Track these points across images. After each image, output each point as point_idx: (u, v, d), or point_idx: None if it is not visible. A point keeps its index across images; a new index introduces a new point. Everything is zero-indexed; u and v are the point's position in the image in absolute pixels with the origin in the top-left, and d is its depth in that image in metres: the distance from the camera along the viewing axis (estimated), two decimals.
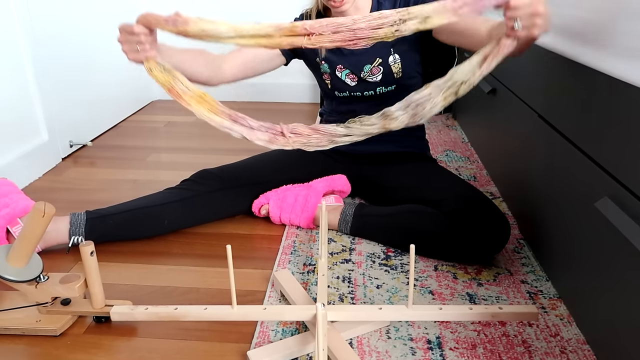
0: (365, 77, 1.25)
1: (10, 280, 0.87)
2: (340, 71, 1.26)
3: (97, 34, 2.02)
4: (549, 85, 1.08)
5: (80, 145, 1.86)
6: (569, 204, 0.95)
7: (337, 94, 1.29)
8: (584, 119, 0.89)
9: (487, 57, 0.83)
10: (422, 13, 0.81)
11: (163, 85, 0.99)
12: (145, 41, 0.97)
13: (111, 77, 2.15)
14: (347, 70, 1.25)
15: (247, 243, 1.21)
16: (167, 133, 2.09)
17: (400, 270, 1.08)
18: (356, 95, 1.28)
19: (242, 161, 1.35)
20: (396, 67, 1.23)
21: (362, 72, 1.25)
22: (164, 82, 0.99)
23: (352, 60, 1.24)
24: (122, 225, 1.18)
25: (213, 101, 1.01)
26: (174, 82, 0.99)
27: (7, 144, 1.51)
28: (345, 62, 1.25)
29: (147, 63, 0.99)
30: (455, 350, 0.85)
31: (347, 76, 1.26)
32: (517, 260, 1.12)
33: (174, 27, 0.92)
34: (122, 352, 0.86)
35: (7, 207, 1.10)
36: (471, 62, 0.85)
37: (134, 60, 0.99)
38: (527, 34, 0.78)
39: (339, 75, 1.27)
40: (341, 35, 0.85)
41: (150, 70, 0.99)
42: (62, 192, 1.51)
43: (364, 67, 1.24)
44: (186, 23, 0.92)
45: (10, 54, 1.51)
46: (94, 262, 0.88)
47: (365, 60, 1.24)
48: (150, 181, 1.58)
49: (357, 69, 1.25)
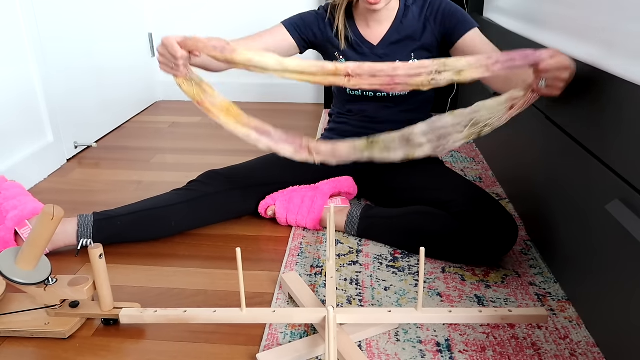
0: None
1: (19, 283, 0.87)
2: None
3: (102, 35, 2.03)
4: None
5: (85, 146, 1.86)
6: (578, 206, 0.94)
7: (348, 91, 1.30)
8: (594, 121, 0.89)
9: (514, 106, 0.90)
10: (457, 66, 0.86)
11: (193, 99, 1.03)
12: (183, 63, 1.01)
13: (115, 78, 2.15)
14: None
15: (254, 245, 1.21)
16: (171, 134, 2.09)
17: (408, 272, 1.08)
18: (368, 95, 1.28)
19: (249, 162, 1.34)
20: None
21: None
22: (193, 96, 1.03)
23: (370, 61, 1.24)
24: (129, 227, 1.18)
25: (239, 113, 1.04)
26: (203, 95, 1.02)
27: (13, 145, 1.51)
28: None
29: (177, 79, 1.03)
30: (465, 353, 0.85)
31: None
32: (525, 262, 1.11)
33: (221, 55, 0.94)
34: (130, 355, 0.86)
35: (16, 209, 1.10)
36: (498, 101, 0.91)
37: (165, 72, 1.04)
38: (548, 92, 0.89)
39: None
40: (380, 80, 0.90)
41: (181, 85, 1.03)
42: (67, 194, 1.51)
43: None
44: (234, 52, 0.94)
45: (16, 55, 1.51)
46: (103, 264, 0.88)
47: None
48: (155, 182, 1.58)
49: None
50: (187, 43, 0.98)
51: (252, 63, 0.93)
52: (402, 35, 1.24)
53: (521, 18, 1.47)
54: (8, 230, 1.09)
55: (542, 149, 1.14)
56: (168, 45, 1.00)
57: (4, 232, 1.09)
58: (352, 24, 1.27)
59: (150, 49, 2.49)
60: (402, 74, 0.88)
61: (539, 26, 1.29)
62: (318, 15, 1.29)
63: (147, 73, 2.46)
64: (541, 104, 1.16)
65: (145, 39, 2.44)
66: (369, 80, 0.89)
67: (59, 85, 1.73)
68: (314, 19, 1.29)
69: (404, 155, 0.98)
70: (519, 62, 0.85)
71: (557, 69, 0.86)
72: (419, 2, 1.25)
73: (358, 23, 1.27)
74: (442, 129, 0.94)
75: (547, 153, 1.11)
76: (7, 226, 1.09)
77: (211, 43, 0.95)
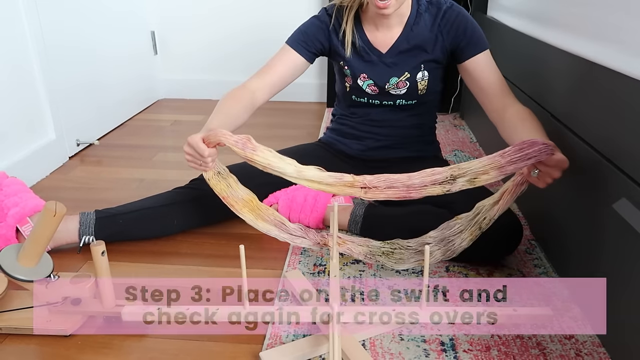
0: (388, 90, 1.22)
1: (21, 280, 0.87)
2: (362, 80, 1.23)
3: (104, 33, 2.02)
4: (563, 86, 1.07)
5: (87, 144, 1.86)
6: (584, 205, 0.94)
7: (354, 97, 1.28)
8: (601, 119, 0.88)
9: (504, 193, 0.93)
10: (469, 171, 0.87)
11: (219, 194, 1.06)
12: (211, 159, 1.02)
13: (118, 75, 2.15)
14: (370, 81, 1.23)
15: (257, 243, 1.21)
16: (173, 132, 2.08)
17: (412, 271, 1.08)
18: (374, 102, 1.26)
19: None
20: (422, 84, 1.21)
21: (386, 84, 1.22)
22: (219, 191, 1.06)
23: (378, 71, 1.21)
24: (131, 225, 1.17)
25: (259, 207, 1.07)
26: (228, 190, 1.05)
27: (15, 142, 1.50)
28: (370, 72, 1.22)
29: (206, 174, 1.05)
30: (469, 352, 0.85)
31: (368, 87, 1.23)
32: (529, 261, 1.11)
33: (242, 152, 0.94)
34: (132, 353, 0.86)
35: (17, 206, 1.10)
36: (493, 198, 0.96)
37: (194, 169, 1.05)
38: (536, 183, 0.90)
39: (360, 84, 1.24)
40: (395, 191, 0.89)
41: (209, 179, 1.05)
42: (69, 191, 1.51)
43: (390, 79, 1.21)
44: (255, 150, 0.94)
45: (18, 53, 1.51)
46: (105, 262, 0.87)
47: (393, 73, 1.21)
48: (157, 180, 1.57)
49: (381, 81, 1.22)
50: (211, 138, 0.98)
51: (270, 166, 0.93)
52: (411, 44, 1.19)
53: (525, 16, 1.46)
54: (9, 227, 1.08)
55: None
56: (194, 145, 0.99)
57: (5, 229, 1.08)
58: (360, 28, 1.21)
59: (152, 47, 2.48)
60: (417, 182, 0.88)
61: (544, 24, 1.28)
62: (321, 22, 1.23)
63: (150, 71, 2.46)
64: (547, 102, 1.16)
65: (147, 36, 2.44)
66: (385, 192, 0.89)
67: (61, 82, 1.72)
68: (316, 28, 1.23)
69: (416, 262, 1.01)
70: (532, 158, 0.84)
71: (556, 166, 0.86)
72: (432, 9, 1.19)
73: (366, 27, 1.21)
74: (451, 236, 0.98)
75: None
76: (8, 223, 1.08)
77: (233, 138, 0.95)
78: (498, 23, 1.71)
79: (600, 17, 0.95)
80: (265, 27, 2.43)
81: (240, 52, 2.50)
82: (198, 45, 2.52)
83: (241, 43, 2.48)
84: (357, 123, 1.32)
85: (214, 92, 2.57)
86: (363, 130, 1.31)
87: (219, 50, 2.52)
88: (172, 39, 2.51)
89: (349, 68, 1.23)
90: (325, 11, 1.24)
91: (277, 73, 1.21)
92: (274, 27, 2.42)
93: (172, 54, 2.53)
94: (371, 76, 1.22)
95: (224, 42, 2.49)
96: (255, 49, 2.47)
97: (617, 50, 0.86)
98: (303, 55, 1.22)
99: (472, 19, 1.18)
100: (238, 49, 2.50)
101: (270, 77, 1.21)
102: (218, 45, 2.51)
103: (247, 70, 2.56)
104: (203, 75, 2.56)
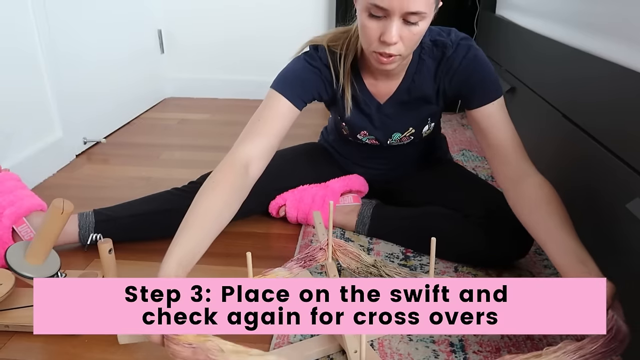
0: (390, 143, 1.18)
1: (28, 277, 0.87)
2: (362, 135, 1.18)
3: (111, 31, 2.02)
4: (575, 84, 1.05)
5: (94, 142, 1.86)
6: (596, 205, 0.92)
7: (351, 139, 1.22)
8: (615, 118, 0.87)
9: None
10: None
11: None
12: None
13: (124, 74, 2.15)
14: (372, 137, 1.17)
15: (264, 242, 1.20)
16: (180, 131, 2.08)
17: (420, 271, 1.07)
18: (372, 145, 1.21)
19: None
20: (427, 132, 1.17)
21: (389, 139, 1.17)
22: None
23: (379, 126, 1.14)
24: (131, 229, 1.16)
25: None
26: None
27: (22, 141, 1.50)
28: (372, 130, 1.15)
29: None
30: (479, 353, 0.84)
31: (369, 140, 1.18)
32: (539, 262, 1.09)
33: None
34: (140, 351, 0.85)
35: (13, 206, 1.07)
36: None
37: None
38: None
39: (360, 137, 1.18)
40: None
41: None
42: (76, 189, 1.51)
43: (393, 134, 1.16)
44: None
45: (26, 50, 1.51)
46: (112, 259, 0.87)
47: (395, 127, 1.14)
48: (164, 179, 1.57)
49: (384, 136, 1.16)
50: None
51: None
52: (413, 97, 1.08)
53: (536, 14, 1.45)
54: (5, 228, 1.05)
55: (559, 148, 1.12)
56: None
57: (1, 230, 1.05)
58: (359, 79, 1.08)
59: (159, 45, 2.48)
60: None
61: (556, 22, 1.27)
62: (315, 69, 1.05)
63: (156, 69, 2.46)
64: (559, 102, 1.14)
65: (154, 35, 2.44)
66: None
67: (68, 80, 1.72)
68: (314, 76, 1.05)
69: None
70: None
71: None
72: (436, 53, 1.02)
73: (364, 75, 1.07)
74: None
75: (563, 152, 1.09)
76: (4, 224, 1.05)
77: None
78: (508, 22, 1.69)
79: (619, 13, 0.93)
80: (274, 26, 2.43)
81: (248, 51, 2.50)
82: (205, 44, 2.51)
83: (249, 42, 2.48)
84: (355, 155, 1.28)
85: (221, 91, 2.57)
86: (362, 157, 1.27)
87: (227, 49, 2.51)
88: (179, 38, 2.51)
89: (347, 125, 1.16)
90: (318, 58, 1.05)
91: (272, 132, 0.98)
92: (282, 26, 2.42)
93: (179, 52, 2.53)
94: (372, 132, 1.16)
95: (232, 40, 2.49)
96: (263, 48, 2.47)
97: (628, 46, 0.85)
98: (298, 107, 1.03)
99: (482, 61, 1.01)
100: (246, 48, 2.49)
101: (267, 140, 0.97)
102: (225, 44, 2.50)
103: (254, 70, 2.59)
104: (210, 74, 2.56)
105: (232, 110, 2.35)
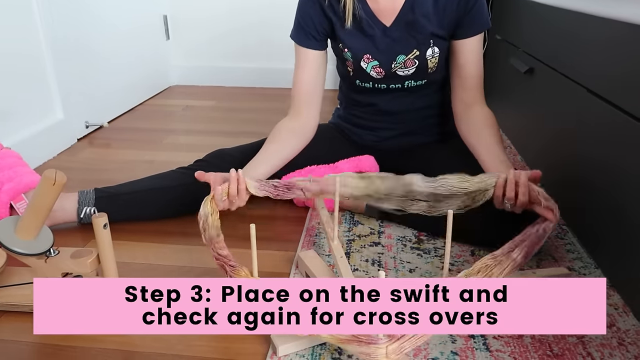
0: (395, 70, 1.11)
1: (19, 254, 0.82)
2: (366, 62, 1.12)
3: (116, 16, 1.97)
4: (599, 56, 0.99)
5: (96, 126, 1.81)
6: (620, 188, 0.86)
7: (358, 82, 1.17)
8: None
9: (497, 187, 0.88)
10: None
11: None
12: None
13: (129, 60, 2.10)
14: (375, 62, 1.11)
15: (269, 224, 1.14)
16: (185, 116, 2.03)
17: (434, 255, 1.01)
18: (380, 87, 1.16)
19: (258, 142, 1.21)
20: (432, 62, 1.11)
21: (393, 63, 1.10)
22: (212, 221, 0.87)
23: (382, 49, 1.09)
24: (132, 206, 1.12)
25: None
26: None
27: (22, 121, 1.46)
28: (375, 52, 1.10)
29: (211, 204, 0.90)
30: (500, 339, 0.78)
31: (373, 69, 1.12)
32: (562, 246, 1.03)
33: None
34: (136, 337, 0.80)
35: (11, 182, 1.04)
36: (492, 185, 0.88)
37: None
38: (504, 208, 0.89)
39: (364, 67, 1.12)
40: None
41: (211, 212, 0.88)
42: (76, 172, 1.46)
43: (397, 57, 1.10)
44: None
45: (28, 32, 1.47)
46: (107, 235, 0.82)
47: (400, 49, 1.09)
48: (167, 162, 1.51)
49: (388, 60, 1.10)
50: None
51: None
52: (417, 13, 1.05)
53: None
54: (2, 204, 1.02)
55: (581, 128, 1.05)
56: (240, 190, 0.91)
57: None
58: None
59: (165, 32, 2.43)
60: None
61: None
62: (313, 2, 1.10)
63: (162, 56, 2.41)
64: (584, 77, 1.07)
65: (160, 21, 2.39)
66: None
67: (71, 63, 1.68)
68: (309, 9, 1.10)
69: (397, 206, 0.93)
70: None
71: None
72: None
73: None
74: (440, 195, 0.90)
75: (586, 132, 1.03)
76: (2, 200, 1.02)
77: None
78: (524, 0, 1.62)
79: None
80: (281, 15, 2.37)
81: (254, 39, 2.44)
82: (211, 31, 2.46)
83: (255, 30, 2.42)
84: (365, 113, 1.23)
85: (227, 79, 2.51)
86: (373, 119, 1.22)
87: (233, 36, 2.46)
88: (184, 24, 2.46)
89: (350, 50, 1.11)
90: None
91: (309, 83, 1.14)
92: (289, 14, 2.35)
93: (184, 39, 2.48)
94: (376, 56, 1.10)
95: (238, 28, 2.44)
96: (269, 36, 2.41)
97: None
98: (316, 48, 1.11)
99: None
100: (252, 35, 2.44)
101: (312, 93, 1.15)
102: (231, 31, 2.45)
103: (261, 58, 2.53)
104: (216, 62, 2.51)
105: (238, 98, 2.30)
